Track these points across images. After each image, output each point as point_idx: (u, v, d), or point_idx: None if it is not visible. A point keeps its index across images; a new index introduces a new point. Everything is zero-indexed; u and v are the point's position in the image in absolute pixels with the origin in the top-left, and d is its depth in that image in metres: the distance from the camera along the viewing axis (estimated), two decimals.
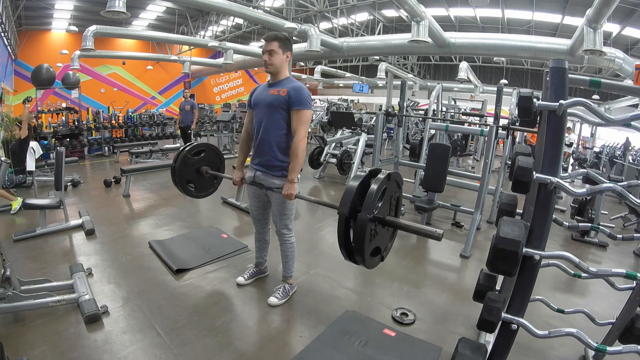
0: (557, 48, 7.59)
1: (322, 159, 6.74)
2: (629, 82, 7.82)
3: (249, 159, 2.43)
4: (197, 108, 7.53)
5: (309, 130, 9.72)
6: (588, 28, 5.41)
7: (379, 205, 1.56)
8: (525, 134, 6.77)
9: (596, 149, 8.99)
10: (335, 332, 2.13)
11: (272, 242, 2.66)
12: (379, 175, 1.57)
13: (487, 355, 1.48)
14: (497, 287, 1.94)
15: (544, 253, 1.39)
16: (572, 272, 1.86)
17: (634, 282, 1.58)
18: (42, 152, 5.12)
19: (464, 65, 10.34)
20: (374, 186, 1.52)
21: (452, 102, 10.44)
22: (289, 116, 2.15)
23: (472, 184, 4.35)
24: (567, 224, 1.89)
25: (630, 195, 1.43)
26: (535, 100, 1.42)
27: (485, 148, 4.33)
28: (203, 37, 13.93)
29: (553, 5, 9.74)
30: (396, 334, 2.15)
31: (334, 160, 6.61)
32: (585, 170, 2.02)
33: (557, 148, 1.41)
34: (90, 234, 3.40)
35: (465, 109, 10.72)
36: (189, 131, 7.24)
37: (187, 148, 2.60)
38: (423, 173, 4.28)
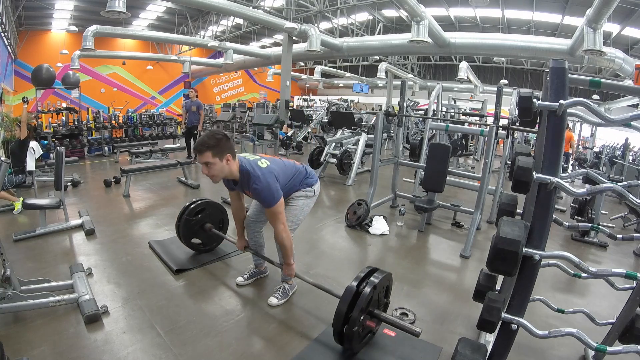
0: (557, 48, 7.60)
1: (322, 159, 6.74)
2: (629, 82, 7.83)
3: None
4: (202, 109, 7.58)
5: (309, 130, 9.71)
6: (588, 28, 5.42)
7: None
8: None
9: (596, 149, 8.99)
10: None
11: (271, 244, 2.65)
12: (365, 289, 1.80)
13: (487, 355, 1.48)
14: (497, 287, 1.94)
15: (544, 253, 1.39)
16: (572, 272, 1.86)
17: (634, 282, 1.58)
18: (42, 152, 5.11)
19: (464, 65, 10.36)
20: (366, 290, 1.79)
21: (452, 102, 10.43)
22: None
23: (472, 184, 4.35)
24: (567, 224, 1.89)
25: (630, 195, 1.43)
26: (535, 100, 1.42)
27: (485, 148, 4.33)
28: (203, 37, 13.93)
29: (553, 5, 9.74)
30: (396, 334, 2.14)
31: (334, 160, 6.61)
32: (585, 170, 2.02)
33: (557, 148, 1.41)
34: (90, 234, 3.40)
35: (465, 109, 10.71)
36: (196, 132, 7.26)
37: (188, 210, 2.81)
38: (423, 173, 4.28)
